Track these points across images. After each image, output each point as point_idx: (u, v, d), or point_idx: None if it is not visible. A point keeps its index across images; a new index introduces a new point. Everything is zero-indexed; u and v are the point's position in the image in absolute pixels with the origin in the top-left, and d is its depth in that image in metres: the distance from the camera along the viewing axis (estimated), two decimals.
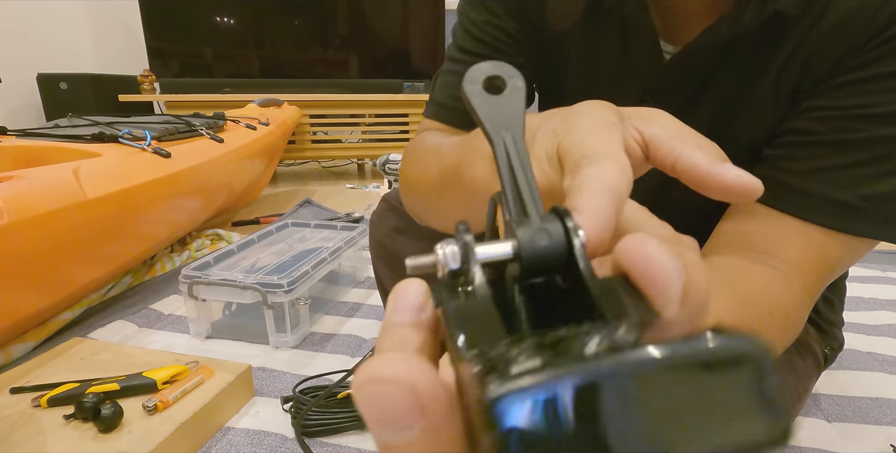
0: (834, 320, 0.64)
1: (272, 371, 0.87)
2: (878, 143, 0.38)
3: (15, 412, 0.66)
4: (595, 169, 0.17)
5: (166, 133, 1.33)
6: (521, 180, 0.16)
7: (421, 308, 0.15)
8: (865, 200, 0.38)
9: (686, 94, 0.48)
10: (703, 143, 0.20)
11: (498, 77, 0.18)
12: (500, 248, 0.15)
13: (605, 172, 0.17)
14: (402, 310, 0.15)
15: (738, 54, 0.44)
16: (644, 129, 0.20)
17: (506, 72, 0.18)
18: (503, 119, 0.17)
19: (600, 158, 0.18)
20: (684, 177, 0.20)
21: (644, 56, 0.48)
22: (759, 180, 0.19)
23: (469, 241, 0.15)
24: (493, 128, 0.17)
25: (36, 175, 0.88)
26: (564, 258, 0.14)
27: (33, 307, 0.89)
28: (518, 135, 0.17)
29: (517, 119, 0.17)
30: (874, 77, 0.38)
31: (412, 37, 2.78)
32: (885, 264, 1.46)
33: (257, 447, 0.69)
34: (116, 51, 2.80)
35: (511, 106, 0.18)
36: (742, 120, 0.46)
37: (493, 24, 0.53)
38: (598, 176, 0.17)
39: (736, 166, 0.19)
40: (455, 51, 0.56)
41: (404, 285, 0.15)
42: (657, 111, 0.21)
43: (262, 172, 1.87)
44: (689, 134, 0.20)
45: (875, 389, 0.86)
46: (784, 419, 0.10)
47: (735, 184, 0.18)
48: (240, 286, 0.89)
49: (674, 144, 0.19)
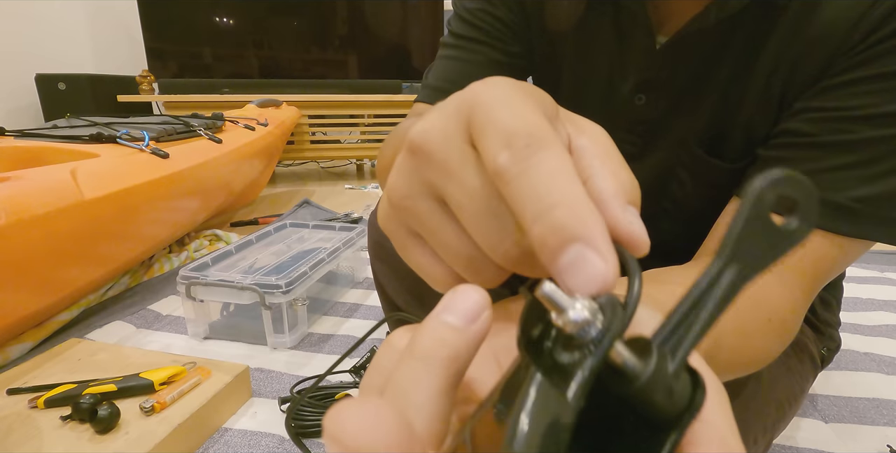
0: (831, 321, 0.64)
1: (270, 371, 0.87)
2: (871, 145, 0.38)
3: (12, 413, 0.66)
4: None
5: (165, 133, 1.33)
6: (703, 316, 0.13)
7: (474, 318, 0.14)
8: (860, 202, 0.38)
9: (679, 86, 0.48)
10: (621, 172, 0.17)
11: (796, 203, 0.13)
12: (633, 361, 0.13)
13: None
14: (455, 311, 0.14)
15: (730, 53, 0.45)
16: (574, 137, 0.18)
17: (810, 204, 0.13)
18: (757, 251, 0.13)
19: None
20: None
21: (638, 45, 0.48)
22: (647, 240, 0.16)
23: (616, 327, 0.13)
24: (734, 250, 0.13)
25: (34, 175, 0.88)
26: (671, 418, 0.13)
27: (31, 308, 0.89)
28: (749, 276, 0.14)
29: (768, 261, 0.14)
30: (865, 78, 0.38)
31: (411, 37, 2.78)
32: (882, 264, 1.46)
33: (255, 448, 0.69)
34: (115, 51, 2.80)
35: (778, 245, 0.14)
36: (737, 119, 0.46)
37: (487, 12, 0.53)
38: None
39: (636, 214, 0.16)
40: (449, 37, 0.56)
41: (466, 290, 0.15)
42: (594, 124, 0.19)
43: (261, 173, 1.87)
44: (615, 157, 0.18)
45: (872, 390, 0.87)
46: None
47: (623, 229, 0.16)
48: (238, 287, 0.89)
49: (594, 162, 0.17)
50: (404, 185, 0.18)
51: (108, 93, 2.38)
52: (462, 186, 0.16)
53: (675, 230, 0.54)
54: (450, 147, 0.16)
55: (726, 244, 0.13)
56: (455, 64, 0.55)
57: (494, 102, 0.16)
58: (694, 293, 0.14)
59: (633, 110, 0.51)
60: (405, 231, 0.19)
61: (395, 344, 0.16)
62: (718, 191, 0.47)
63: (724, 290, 0.14)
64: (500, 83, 0.17)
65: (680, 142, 0.50)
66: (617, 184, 0.16)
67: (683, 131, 0.49)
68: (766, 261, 0.14)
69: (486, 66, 0.54)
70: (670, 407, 0.13)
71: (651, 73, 0.48)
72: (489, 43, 0.54)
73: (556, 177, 0.14)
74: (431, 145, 0.17)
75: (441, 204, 0.17)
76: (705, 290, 0.14)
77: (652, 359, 0.13)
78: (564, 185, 0.14)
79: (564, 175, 0.14)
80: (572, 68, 0.54)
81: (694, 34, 0.44)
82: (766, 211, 0.13)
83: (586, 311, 0.13)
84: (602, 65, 0.51)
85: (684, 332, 0.13)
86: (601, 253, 0.13)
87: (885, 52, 0.37)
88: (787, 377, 0.56)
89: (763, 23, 0.42)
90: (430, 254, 0.18)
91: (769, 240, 0.14)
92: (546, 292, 0.13)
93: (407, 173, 0.17)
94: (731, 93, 0.46)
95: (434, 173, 0.17)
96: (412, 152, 0.17)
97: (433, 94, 0.55)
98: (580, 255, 0.13)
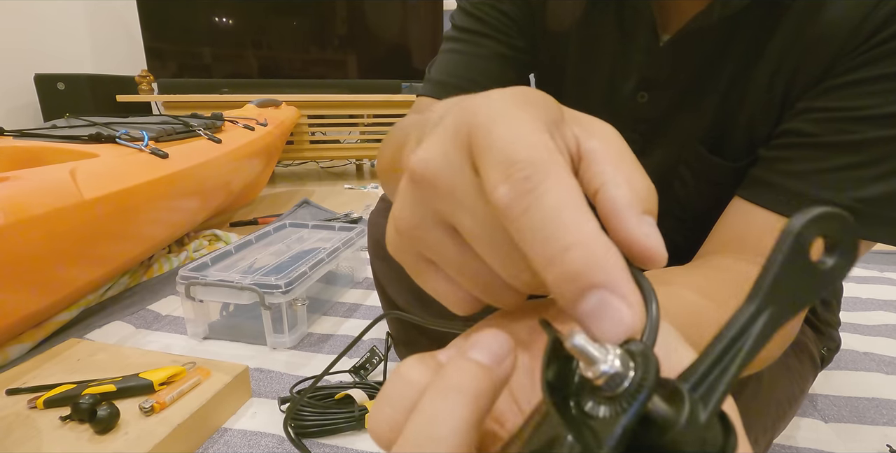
0: (830, 321, 0.64)
1: (269, 372, 0.87)
2: (873, 145, 0.38)
3: (11, 413, 0.66)
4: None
5: (164, 133, 1.33)
6: (736, 361, 0.13)
7: (502, 359, 0.14)
8: (861, 202, 0.38)
9: (681, 84, 0.48)
10: (635, 177, 0.16)
11: (835, 241, 0.13)
12: (666, 413, 0.12)
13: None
14: (483, 351, 0.14)
15: (732, 51, 0.45)
16: (583, 140, 0.17)
17: (849, 242, 0.13)
18: (793, 292, 0.13)
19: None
20: (598, 209, 0.16)
21: (641, 43, 0.48)
22: (665, 253, 0.15)
23: (650, 380, 0.12)
24: (770, 292, 0.13)
25: (33, 175, 0.88)
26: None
27: (30, 308, 0.89)
28: (785, 318, 0.13)
29: (803, 301, 0.13)
30: (868, 79, 0.38)
31: (411, 37, 2.78)
32: (882, 264, 1.46)
33: (254, 448, 0.69)
34: (114, 51, 2.79)
35: (817, 285, 0.13)
36: (738, 118, 0.46)
37: (492, 6, 0.53)
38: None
39: (655, 227, 0.15)
40: (453, 31, 0.56)
41: (494, 332, 0.15)
42: (605, 124, 0.17)
43: (260, 173, 1.87)
44: (629, 159, 0.16)
45: (872, 389, 0.87)
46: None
47: (639, 242, 0.15)
48: (237, 287, 0.89)
49: (607, 167, 0.16)
50: (411, 215, 0.17)
51: (107, 93, 2.38)
52: (472, 215, 0.15)
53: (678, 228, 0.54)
54: (454, 174, 0.15)
55: (761, 285, 0.13)
56: (459, 57, 0.55)
57: (493, 123, 0.15)
58: (727, 335, 0.13)
59: (636, 108, 0.51)
60: (417, 258, 0.18)
61: (406, 377, 0.15)
62: (720, 189, 0.47)
63: (759, 333, 0.13)
64: (498, 97, 0.16)
65: (682, 141, 0.50)
66: (631, 193, 0.15)
67: (685, 129, 0.49)
68: (803, 302, 0.13)
69: (491, 60, 0.54)
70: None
71: (654, 71, 0.48)
72: (494, 36, 0.54)
73: (562, 214, 0.13)
74: (434, 174, 0.16)
75: (452, 231, 0.17)
76: (739, 333, 0.13)
77: (685, 409, 0.12)
78: (573, 223, 0.13)
79: (571, 209, 0.13)
80: (575, 66, 0.54)
81: (697, 32, 0.44)
82: (806, 251, 0.12)
83: (618, 363, 0.12)
84: (605, 62, 0.51)
85: (717, 378, 0.13)
86: (624, 297, 0.13)
87: (889, 53, 0.37)
88: (787, 377, 0.56)
89: (766, 22, 0.42)
90: (447, 280, 0.18)
91: (807, 280, 0.13)
92: (577, 345, 0.13)
93: (412, 203, 0.17)
94: (733, 92, 0.46)
95: (441, 203, 0.16)
96: (415, 182, 0.16)
97: (437, 87, 0.55)
98: (602, 302, 0.13)
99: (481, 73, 0.54)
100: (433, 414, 0.13)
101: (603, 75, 0.52)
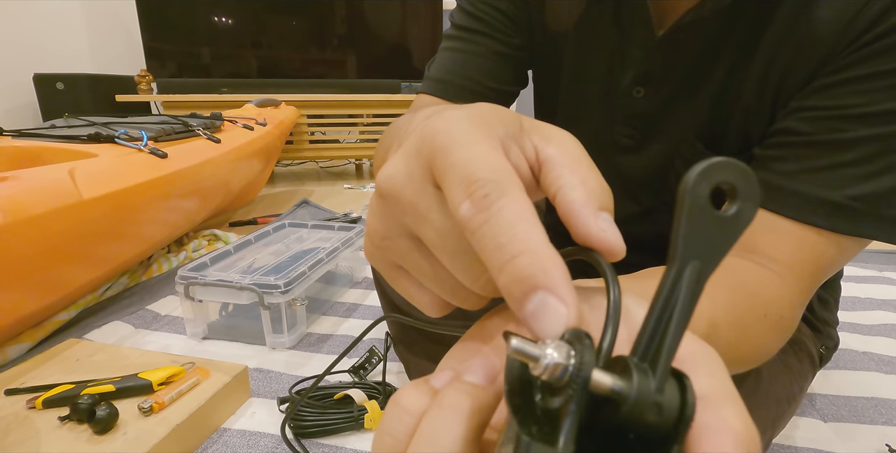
0: (829, 319, 0.64)
1: (269, 372, 0.87)
2: (866, 143, 0.38)
3: (9, 414, 0.66)
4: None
5: (163, 133, 1.33)
6: (675, 325, 0.13)
7: (494, 378, 0.16)
8: (856, 200, 0.38)
9: (676, 79, 0.48)
10: (590, 178, 0.17)
11: (733, 188, 0.13)
12: (615, 386, 0.13)
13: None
14: (477, 373, 0.16)
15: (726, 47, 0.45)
16: (541, 148, 0.18)
17: (747, 185, 0.13)
18: (708, 244, 0.13)
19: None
20: (557, 210, 0.17)
21: (637, 38, 0.48)
22: (621, 244, 0.16)
23: (587, 363, 0.13)
24: (688, 251, 0.13)
25: (32, 175, 0.87)
26: (661, 430, 0.13)
27: (29, 308, 0.89)
28: (710, 270, 0.14)
29: (722, 250, 0.14)
30: (860, 77, 0.38)
31: (410, 37, 2.78)
32: (880, 264, 1.46)
33: (253, 448, 0.69)
34: (113, 51, 2.79)
35: (729, 231, 0.13)
36: (733, 114, 0.47)
37: (490, 4, 0.54)
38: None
39: (611, 222, 0.17)
40: (452, 29, 0.57)
41: (483, 357, 0.17)
42: (562, 131, 0.19)
43: (260, 173, 1.86)
44: (584, 163, 0.17)
45: (871, 389, 0.87)
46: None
47: (596, 237, 0.16)
48: (236, 287, 0.89)
49: (563, 171, 0.17)
50: (381, 228, 0.19)
51: (106, 92, 2.38)
52: (433, 228, 0.17)
53: None
54: (415, 191, 0.17)
55: (676, 244, 0.13)
56: (458, 55, 0.56)
57: (453, 145, 0.16)
58: (659, 300, 0.14)
59: (632, 103, 0.51)
60: (390, 265, 0.20)
61: (402, 405, 0.16)
62: None
63: (688, 291, 0.13)
64: (457, 119, 0.17)
65: (678, 135, 0.50)
66: (587, 193, 0.17)
67: (682, 124, 0.49)
68: (720, 252, 0.14)
69: (489, 57, 0.55)
70: (663, 420, 0.13)
71: (649, 65, 0.49)
72: (492, 34, 0.55)
73: (515, 227, 0.15)
74: (399, 191, 0.17)
75: (418, 242, 0.18)
76: (669, 295, 0.14)
77: (633, 381, 0.13)
78: (524, 234, 0.14)
79: (523, 223, 0.15)
80: (572, 62, 0.54)
81: (691, 25, 0.44)
82: (705, 202, 0.13)
83: (556, 355, 0.13)
84: (601, 59, 0.52)
85: (659, 343, 0.13)
86: (562, 297, 0.14)
87: (880, 51, 0.37)
88: (786, 375, 0.56)
89: (759, 17, 0.43)
90: (416, 284, 0.20)
91: (717, 230, 0.13)
92: (515, 347, 0.13)
93: (381, 216, 0.19)
94: (728, 87, 0.46)
95: (405, 217, 0.18)
96: (382, 197, 0.18)
97: (436, 85, 0.56)
98: (542, 302, 0.14)
99: (479, 71, 0.55)
100: (435, 431, 0.14)
101: (599, 71, 0.52)
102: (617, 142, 0.54)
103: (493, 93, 0.56)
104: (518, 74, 0.58)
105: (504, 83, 0.56)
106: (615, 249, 0.16)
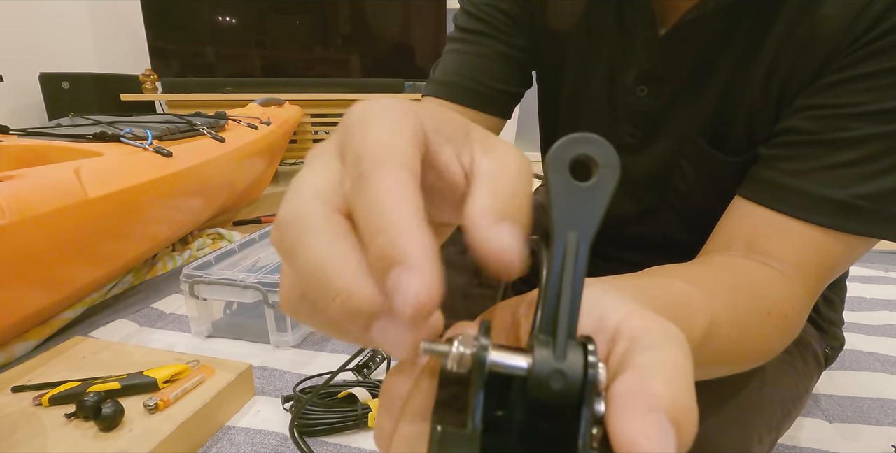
0: (834, 319, 0.64)
1: (273, 370, 0.87)
2: (872, 141, 0.38)
3: (16, 411, 0.66)
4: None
5: (168, 132, 1.33)
6: (566, 293, 0.14)
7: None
8: (863, 199, 0.38)
9: (680, 77, 0.48)
10: (505, 189, 0.16)
11: (591, 159, 0.14)
12: (515, 363, 0.13)
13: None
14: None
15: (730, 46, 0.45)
16: (478, 160, 0.17)
17: (603, 154, 0.14)
18: (578, 214, 0.14)
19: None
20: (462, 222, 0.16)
21: (640, 36, 0.48)
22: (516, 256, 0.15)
23: (484, 347, 0.14)
24: (562, 222, 0.14)
25: (37, 174, 0.88)
26: (574, 396, 0.13)
27: (35, 306, 0.90)
28: (588, 237, 0.14)
29: (594, 218, 0.14)
30: (864, 75, 0.38)
31: (414, 36, 2.78)
32: (886, 264, 1.45)
33: (258, 446, 0.69)
34: (118, 50, 2.80)
35: (595, 199, 0.14)
36: (738, 113, 0.46)
37: (493, 6, 0.54)
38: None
39: (512, 233, 0.15)
40: (456, 32, 0.57)
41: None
42: (509, 149, 0.17)
43: (264, 172, 1.87)
44: (509, 176, 0.16)
45: (876, 389, 0.86)
46: None
47: (488, 248, 0.15)
48: (241, 285, 0.89)
49: (482, 182, 0.16)
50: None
51: (111, 92, 2.39)
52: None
53: (679, 223, 0.54)
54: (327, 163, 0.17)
55: (553, 217, 0.14)
56: (462, 57, 0.56)
57: (355, 124, 0.16)
58: (551, 275, 0.14)
59: (635, 102, 0.51)
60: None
61: (392, 393, 0.17)
62: (721, 183, 0.47)
63: (570, 259, 0.14)
64: (375, 102, 0.17)
65: (682, 134, 0.50)
66: (490, 202, 0.15)
67: (685, 123, 0.49)
68: (592, 220, 0.14)
69: (493, 59, 0.55)
70: (570, 387, 0.13)
71: (652, 64, 0.48)
72: (495, 36, 0.55)
73: (381, 202, 0.14)
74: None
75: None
76: (557, 267, 0.14)
77: (532, 355, 0.13)
78: (388, 210, 0.14)
79: (390, 198, 0.14)
80: (575, 62, 0.54)
81: (693, 23, 0.44)
82: (566, 175, 0.14)
83: (461, 347, 0.14)
84: (604, 58, 0.52)
85: (555, 314, 0.14)
86: (417, 272, 0.13)
87: (884, 48, 0.37)
88: (791, 375, 0.56)
89: (763, 14, 0.42)
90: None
91: (584, 200, 0.14)
92: (424, 347, 0.14)
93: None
94: (732, 85, 0.46)
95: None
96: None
97: (440, 87, 0.56)
98: (399, 278, 0.14)
99: (484, 72, 0.55)
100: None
101: (603, 71, 0.52)
102: (620, 141, 0.54)
103: (498, 94, 0.56)
104: (522, 75, 0.58)
105: (509, 84, 0.56)
106: (507, 261, 0.14)
